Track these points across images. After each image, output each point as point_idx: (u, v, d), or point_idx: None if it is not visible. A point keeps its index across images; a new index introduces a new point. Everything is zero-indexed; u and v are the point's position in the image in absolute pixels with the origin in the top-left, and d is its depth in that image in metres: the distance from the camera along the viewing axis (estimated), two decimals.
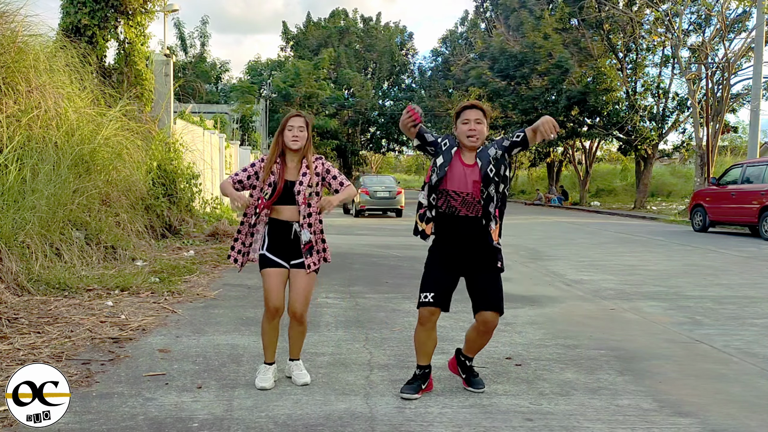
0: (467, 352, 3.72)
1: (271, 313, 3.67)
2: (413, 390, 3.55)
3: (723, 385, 3.89)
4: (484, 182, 3.41)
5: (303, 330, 3.79)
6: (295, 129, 3.63)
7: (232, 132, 24.83)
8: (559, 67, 26.83)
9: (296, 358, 3.83)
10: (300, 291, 3.66)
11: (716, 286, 7.59)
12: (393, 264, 9.17)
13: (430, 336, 3.59)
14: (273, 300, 3.64)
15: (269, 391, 3.62)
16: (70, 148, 7.89)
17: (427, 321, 3.54)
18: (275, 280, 3.65)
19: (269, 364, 3.75)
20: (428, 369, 3.64)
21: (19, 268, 5.84)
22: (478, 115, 3.48)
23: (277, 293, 3.64)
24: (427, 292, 3.52)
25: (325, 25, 47.65)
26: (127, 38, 11.18)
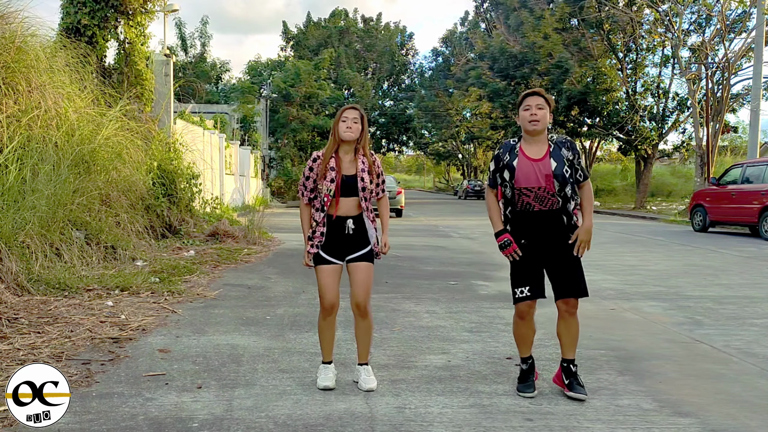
0: (566, 353, 3.67)
1: (326, 310, 3.68)
2: (531, 387, 3.60)
3: (723, 385, 3.89)
4: (561, 182, 3.47)
5: (368, 326, 3.76)
6: (349, 120, 3.62)
7: (232, 132, 24.83)
8: (559, 67, 26.83)
9: (365, 362, 3.78)
10: (361, 282, 3.66)
11: (716, 286, 7.59)
12: (393, 264, 9.17)
13: (530, 327, 3.65)
14: (328, 297, 3.65)
15: (269, 391, 3.61)
16: (70, 148, 7.89)
17: (527, 315, 3.59)
18: (330, 277, 3.66)
19: (328, 364, 3.75)
20: (532, 359, 3.70)
21: (19, 268, 5.84)
22: (539, 101, 3.54)
23: (332, 290, 3.65)
24: (522, 286, 3.54)
25: (325, 25, 47.68)
26: (127, 38, 11.19)
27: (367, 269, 3.69)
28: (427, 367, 4.13)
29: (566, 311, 3.59)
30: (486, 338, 4.89)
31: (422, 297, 6.61)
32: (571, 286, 3.55)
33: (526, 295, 3.53)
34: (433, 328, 5.21)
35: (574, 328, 3.64)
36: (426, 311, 5.89)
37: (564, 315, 3.61)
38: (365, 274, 3.68)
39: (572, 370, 3.64)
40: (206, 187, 14.46)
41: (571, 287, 3.55)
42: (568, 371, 3.65)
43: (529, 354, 3.71)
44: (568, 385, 3.61)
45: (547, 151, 3.53)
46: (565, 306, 3.58)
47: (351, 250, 3.68)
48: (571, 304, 3.58)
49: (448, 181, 70.56)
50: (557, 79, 27.21)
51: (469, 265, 9.16)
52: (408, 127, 47.74)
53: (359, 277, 3.67)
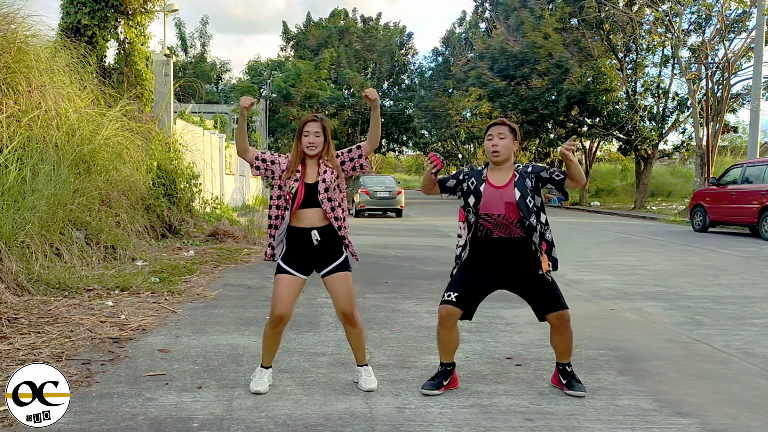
0: (560, 358, 3.72)
1: (275, 319, 3.59)
2: (434, 386, 3.59)
3: (723, 385, 3.89)
4: (524, 212, 3.47)
5: (359, 332, 3.71)
6: (311, 135, 3.56)
7: (232, 132, 24.82)
8: (559, 67, 26.82)
9: (363, 364, 3.75)
10: (342, 293, 3.59)
11: (716, 286, 7.59)
12: (393, 264, 9.17)
13: (450, 336, 3.62)
14: (279, 307, 3.55)
15: (269, 391, 3.61)
16: (70, 148, 7.89)
17: (446, 321, 3.56)
18: (286, 287, 3.56)
19: (266, 368, 3.69)
20: (451, 366, 3.67)
21: (19, 268, 5.84)
22: (501, 130, 3.56)
23: (285, 301, 3.56)
24: (451, 291, 3.55)
25: (325, 25, 47.64)
26: (127, 38, 11.18)
27: (346, 278, 3.61)
28: (427, 367, 4.13)
29: (559, 324, 3.60)
30: (486, 338, 4.89)
31: (422, 297, 6.61)
32: (553, 302, 3.57)
33: (451, 300, 3.51)
34: (433, 328, 5.18)
35: (567, 337, 3.66)
36: (426, 311, 5.89)
37: (558, 328, 3.62)
38: (344, 283, 3.60)
39: (568, 370, 3.70)
40: (206, 187, 14.46)
41: (554, 302, 3.57)
42: (565, 372, 3.70)
43: (450, 361, 3.66)
44: (566, 384, 3.66)
45: (511, 179, 3.55)
46: (557, 320, 3.59)
47: (323, 263, 3.60)
48: (563, 318, 3.58)
49: None
50: (557, 79, 27.20)
51: None
52: (408, 127, 47.69)
53: (339, 288, 3.60)
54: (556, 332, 3.65)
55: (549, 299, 3.57)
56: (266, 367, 3.70)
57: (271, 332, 3.65)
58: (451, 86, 39.65)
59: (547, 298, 3.57)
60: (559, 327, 3.61)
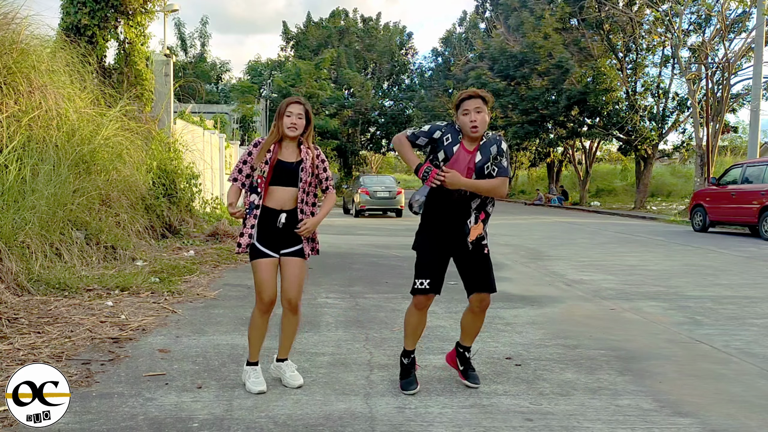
0: (464, 340, 3.77)
1: (265, 305, 3.58)
2: (413, 384, 3.63)
3: (723, 385, 3.89)
4: (478, 175, 3.47)
5: (296, 321, 3.71)
6: (294, 116, 3.54)
7: (232, 132, 24.83)
8: (559, 67, 26.83)
9: (285, 358, 3.75)
10: (293, 278, 3.60)
11: (716, 286, 7.59)
12: (393, 264, 9.17)
13: (422, 320, 3.67)
14: (267, 291, 3.55)
15: (269, 391, 3.61)
16: (70, 148, 7.89)
17: (423, 306, 3.61)
18: (268, 271, 3.57)
19: (254, 364, 3.66)
20: (413, 354, 3.73)
21: (19, 268, 5.84)
22: (478, 104, 3.49)
23: (271, 284, 3.57)
24: (423, 278, 3.55)
25: (325, 25, 47.64)
26: (127, 38, 11.19)
27: (300, 265, 3.62)
28: (427, 367, 4.13)
29: (478, 308, 3.63)
30: (485, 338, 4.89)
31: None
32: (482, 282, 3.57)
33: (425, 288, 3.52)
34: (433, 328, 5.20)
35: (479, 322, 3.71)
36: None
37: (475, 310, 3.65)
38: (297, 270, 3.61)
39: (467, 356, 3.74)
40: (206, 187, 14.45)
41: (482, 283, 3.57)
42: (463, 358, 3.74)
43: (413, 348, 3.73)
44: (463, 371, 3.71)
45: (477, 145, 3.53)
46: (477, 302, 3.61)
47: (285, 244, 3.60)
48: (483, 299, 3.60)
49: None
50: (557, 79, 27.21)
51: None
52: (408, 127, 47.74)
53: (291, 273, 3.60)
54: (471, 312, 3.66)
55: (480, 277, 3.57)
56: (254, 363, 3.67)
57: (261, 319, 3.64)
58: (451, 86, 39.64)
59: (479, 276, 3.57)
60: (477, 308, 3.63)
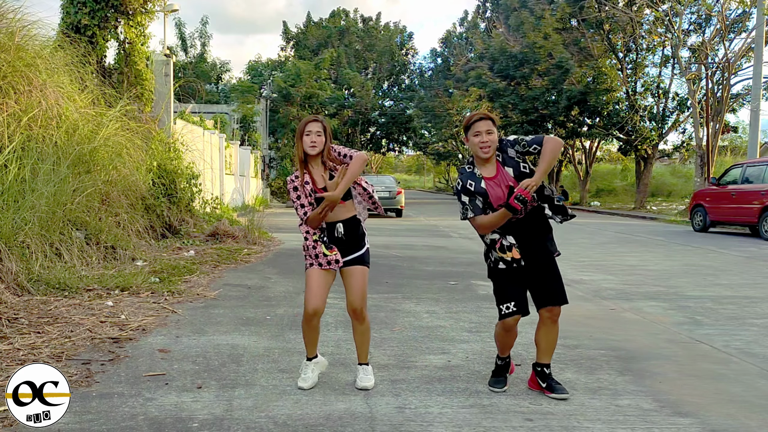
0: (542, 358, 3.71)
1: (309, 315, 3.65)
2: (502, 383, 3.72)
3: (723, 385, 3.89)
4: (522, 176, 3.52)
5: (366, 329, 3.76)
6: (313, 134, 3.59)
7: (232, 132, 24.83)
8: (560, 67, 26.82)
9: (364, 363, 3.79)
10: (356, 287, 3.66)
11: (716, 286, 7.59)
12: (393, 264, 9.17)
13: (512, 335, 3.70)
14: (314, 302, 3.62)
15: (269, 391, 3.61)
16: (70, 147, 7.89)
17: (512, 328, 3.65)
18: (318, 280, 3.63)
19: (310, 360, 3.77)
20: (509, 358, 3.80)
21: (19, 268, 5.84)
22: (489, 126, 3.55)
23: (318, 294, 3.62)
24: (508, 302, 3.57)
25: (325, 25, 47.66)
26: (127, 38, 11.18)
27: (362, 273, 3.68)
28: (427, 367, 4.13)
29: (549, 318, 3.62)
30: (486, 338, 4.89)
31: (422, 297, 6.61)
32: (554, 295, 3.60)
33: (512, 311, 3.56)
34: (433, 328, 5.21)
35: (554, 334, 3.68)
36: (426, 311, 5.89)
37: (546, 322, 3.64)
38: (360, 278, 3.67)
39: (547, 372, 3.69)
40: (206, 187, 14.46)
41: (554, 296, 3.60)
42: (544, 375, 3.69)
43: (508, 354, 3.80)
44: (547, 387, 3.65)
45: (497, 165, 3.57)
46: (548, 314, 3.61)
47: (344, 253, 3.66)
48: (554, 312, 3.62)
49: (448, 181, 70.52)
50: (557, 79, 27.19)
51: (469, 265, 9.16)
52: (408, 127, 47.69)
53: (354, 282, 3.66)
54: (544, 326, 3.65)
55: (554, 290, 3.59)
56: (310, 359, 3.77)
57: (308, 327, 3.72)
58: (451, 86, 39.66)
59: (552, 288, 3.59)
60: (548, 321, 3.63)
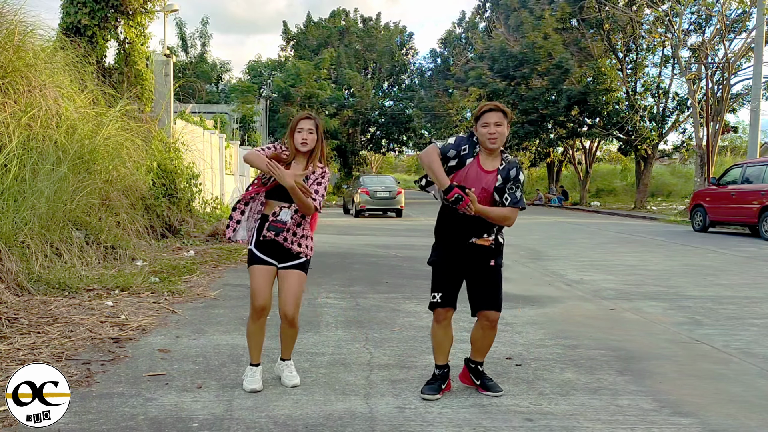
0: (476, 356, 3.71)
1: (257, 312, 3.61)
2: (435, 390, 3.57)
3: (723, 385, 3.89)
4: (498, 194, 3.47)
5: (294, 333, 3.75)
6: (305, 131, 3.58)
7: (232, 132, 24.83)
8: (559, 67, 26.82)
9: (288, 358, 3.78)
10: (290, 292, 3.61)
11: (716, 286, 7.59)
12: (393, 264, 9.17)
13: (446, 333, 3.64)
14: (259, 298, 3.58)
15: (269, 391, 3.61)
16: (70, 147, 7.89)
17: (443, 318, 3.60)
18: (263, 277, 3.59)
19: (255, 366, 3.69)
20: (447, 369, 3.67)
21: (19, 268, 5.84)
22: (498, 118, 3.48)
23: (264, 291, 3.59)
24: (436, 292, 3.58)
25: (325, 25, 47.64)
26: (127, 38, 11.19)
27: (299, 278, 3.63)
28: (427, 367, 4.12)
29: (487, 324, 3.61)
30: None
31: (422, 297, 6.60)
32: (490, 300, 3.57)
33: (438, 302, 3.56)
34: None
35: (489, 339, 3.68)
36: (426, 311, 5.88)
37: (484, 326, 3.63)
38: (296, 284, 3.62)
39: (480, 370, 3.70)
40: (206, 187, 14.45)
41: (490, 301, 3.57)
42: (477, 372, 3.69)
43: (446, 362, 3.66)
44: (480, 385, 3.66)
45: (497, 168, 3.52)
46: (485, 320, 3.60)
47: (286, 257, 3.62)
48: (491, 318, 3.59)
49: None
50: (557, 79, 27.20)
51: None
52: (408, 127, 47.68)
53: (289, 287, 3.61)
54: (481, 329, 3.65)
55: (487, 296, 3.56)
56: (256, 365, 3.69)
57: (254, 326, 3.66)
58: (451, 86, 39.66)
59: (486, 295, 3.56)
60: (486, 323, 3.61)
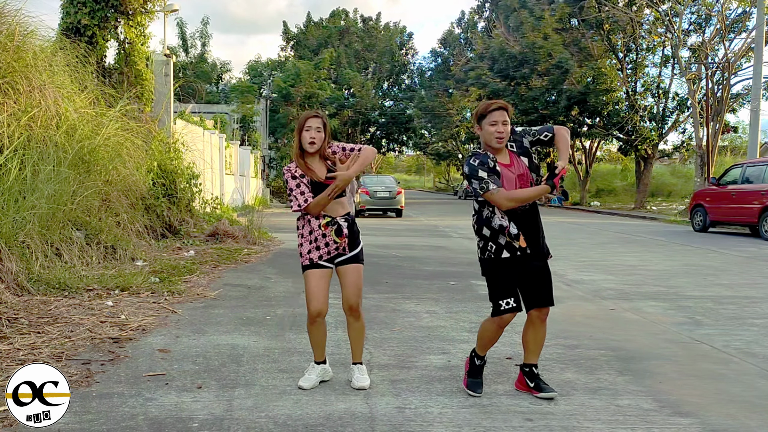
0: (530, 358, 3.68)
1: (312, 316, 3.66)
2: (481, 387, 3.63)
3: (723, 385, 3.89)
4: (535, 171, 3.58)
5: (361, 326, 3.77)
6: (313, 130, 3.58)
7: (232, 132, 24.84)
8: (559, 68, 26.83)
9: (358, 362, 3.79)
10: (352, 285, 3.66)
11: (716, 286, 7.59)
12: (393, 264, 9.17)
13: (499, 334, 3.65)
14: (315, 303, 3.62)
15: (269, 391, 3.61)
16: (70, 147, 7.89)
17: (507, 324, 3.60)
18: (318, 282, 3.62)
19: (318, 363, 3.75)
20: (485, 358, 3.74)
21: (19, 268, 5.84)
22: (505, 116, 3.55)
23: (320, 296, 3.62)
24: (507, 298, 3.53)
25: (325, 25, 47.68)
26: (127, 38, 11.19)
27: (357, 271, 3.68)
28: (427, 367, 4.13)
29: (539, 319, 3.61)
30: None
31: (422, 297, 6.61)
32: (546, 296, 3.59)
33: (512, 307, 3.52)
34: (433, 328, 5.21)
35: (543, 334, 3.66)
36: (426, 311, 5.89)
37: (536, 322, 3.62)
38: (355, 276, 3.67)
39: (535, 372, 3.67)
40: (206, 187, 14.46)
41: (546, 297, 3.59)
42: (532, 375, 3.66)
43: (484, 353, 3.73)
44: (535, 387, 3.62)
45: (510, 154, 3.57)
46: (539, 314, 3.60)
47: (339, 253, 3.65)
48: (544, 313, 3.61)
49: (448, 181, 70.55)
50: (557, 79, 27.20)
51: (469, 265, 9.15)
52: (408, 127, 47.74)
53: (350, 280, 3.66)
54: (532, 326, 3.63)
55: (543, 291, 3.57)
56: (318, 363, 3.76)
57: (313, 328, 3.72)
58: (451, 86, 39.68)
59: (541, 289, 3.57)
60: (537, 321, 3.61)
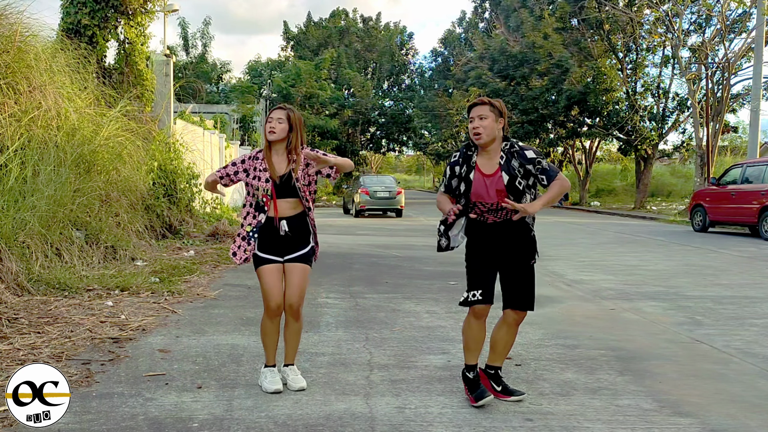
0: (495, 360, 3.60)
1: (272, 311, 3.63)
2: (486, 392, 3.45)
3: (723, 385, 3.89)
4: (515, 196, 3.37)
5: (299, 328, 3.74)
6: (274, 120, 3.59)
7: (232, 132, 24.84)
8: (559, 67, 26.82)
9: (291, 363, 3.76)
10: (295, 284, 3.62)
11: (716, 286, 7.59)
12: (393, 264, 9.17)
13: (483, 329, 3.51)
14: (274, 297, 3.60)
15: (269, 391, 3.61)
16: (70, 148, 7.89)
17: (481, 316, 3.48)
18: (273, 277, 3.61)
19: (273, 367, 3.70)
20: (476, 369, 3.56)
21: (19, 268, 5.84)
22: (481, 111, 3.40)
23: (277, 290, 3.61)
24: (475, 290, 3.43)
25: (325, 25, 47.68)
26: (127, 38, 11.19)
27: (303, 271, 3.64)
28: (427, 367, 4.13)
29: (514, 320, 3.53)
30: (485, 338, 4.88)
31: (422, 297, 6.61)
32: (522, 299, 3.49)
33: (478, 299, 3.41)
34: (433, 328, 5.21)
35: (512, 338, 3.59)
36: (426, 311, 5.89)
37: (510, 323, 3.54)
38: (300, 276, 3.63)
39: (500, 375, 3.60)
40: None
41: (522, 300, 3.49)
42: (497, 378, 3.59)
43: (476, 362, 3.54)
44: (502, 391, 3.54)
45: (498, 165, 3.41)
46: (514, 316, 3.52)
47: (289, 249, 3.63)
48: (520, 316, 3.53)
49: None
50: (557, 79, 27.19)
51: None
52: (408, 127, 47.72)
53: (294, 280, 3.62)
54: (506, 326, 3.54)
55: (522, 294, 3.49)
56: (272, 366, 3.70)
57: (271, 325, 3.68)
58: (451, 86, 39.67)
59: (521, 293, 3.48)
60: (512, 322, 3.53)
